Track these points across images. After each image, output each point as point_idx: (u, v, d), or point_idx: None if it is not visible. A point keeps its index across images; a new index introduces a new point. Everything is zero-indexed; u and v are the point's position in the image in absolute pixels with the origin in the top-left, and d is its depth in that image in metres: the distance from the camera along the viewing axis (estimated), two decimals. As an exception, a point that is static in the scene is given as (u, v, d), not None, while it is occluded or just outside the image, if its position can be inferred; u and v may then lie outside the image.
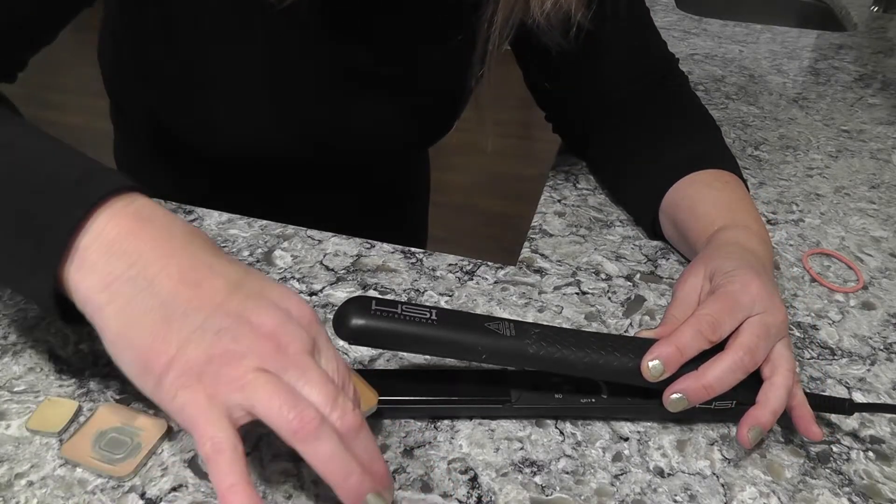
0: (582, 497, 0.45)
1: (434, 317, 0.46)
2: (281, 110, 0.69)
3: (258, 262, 0.62)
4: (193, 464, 0.45)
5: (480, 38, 0.62)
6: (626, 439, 0.49)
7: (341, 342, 0.54)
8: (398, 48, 0.69)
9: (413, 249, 0.65)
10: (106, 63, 0.79)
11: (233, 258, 0.41)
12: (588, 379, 0.50)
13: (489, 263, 0.64)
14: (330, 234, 0.66)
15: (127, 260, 0.37)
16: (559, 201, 0.75)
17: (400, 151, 0.82)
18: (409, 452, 0.47)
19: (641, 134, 0.71)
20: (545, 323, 0.55)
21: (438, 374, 0.49)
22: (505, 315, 0.59)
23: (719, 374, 0.47)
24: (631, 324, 0.59)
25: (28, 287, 0.40)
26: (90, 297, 0.38)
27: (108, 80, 0.80)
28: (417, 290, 0.61)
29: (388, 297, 0.60)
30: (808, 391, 0.51)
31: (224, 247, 0.64)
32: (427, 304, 0.59)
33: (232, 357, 0.36)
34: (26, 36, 0.57)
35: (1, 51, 0.56)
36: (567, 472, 0.47)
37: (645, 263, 0.66)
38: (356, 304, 0.45)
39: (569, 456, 0.48)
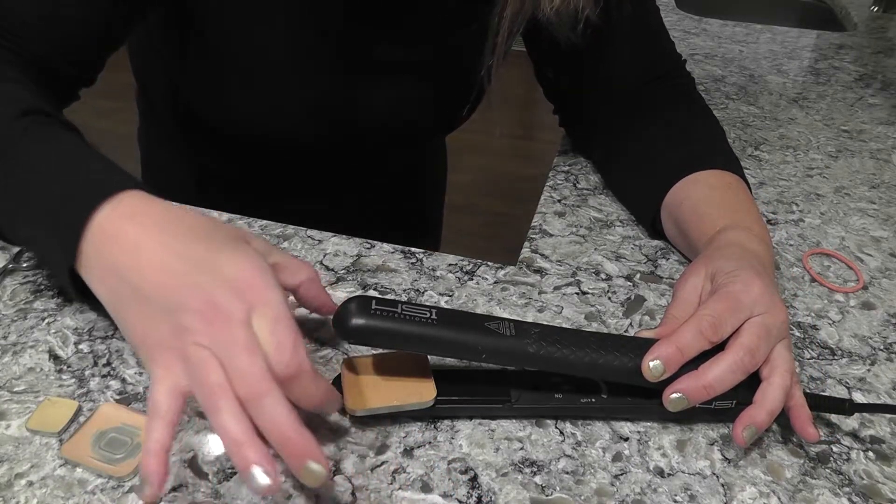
0: (582, 497, 0.45)
1: (434, 316, 0.46)
2: (298, 91, 0.70)
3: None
4: (193, 464, 0.45)
5: (491, 29, 0.64)
6: (626, 439, 0.49)
7: (342, 341, 0.54)
8: (414, 33, 0.70)
9: (413, 249, 0.65)
10: (133, 46, 0.82)
11: (210, 230, 0.45)
12: (588, 379, 0.50)
13: (489, 263, 0.64)
14: (330, 234, 0.66)
15: (111, 256, 0.45)
16: (559, 201, 0.75)
17: (414, 138, 0.83)
18: (409, 452, 0.47)
19: (645, 131, 0.72)
20: (545, 323, 0.55)
21: (438, 374, 0.49)
22: (505, 315, 0.59)
23: (719, 374, 0.47)
24: (631, 324, 0.59)
25: (60, 278, 0.49)
26: (93, 287, 0.46)
27: (135, 62, 0.83)
28: (417, 290, 0.61)
29: (388, 296, 0.60)
30: (808, 391, 0.51)
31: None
32: (427, 303, 0.59)
33: (179, 333, 0.41)
34: (107, 38, 0.62)
35: (87, 54, 0.61)
36: (567, 472, 0.47)
37: (645, 263, 0.66)
38: (356, 304, 0.45)
39: (569, 456, 0.48)
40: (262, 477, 0.38)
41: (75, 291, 0.48)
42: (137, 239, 0.44)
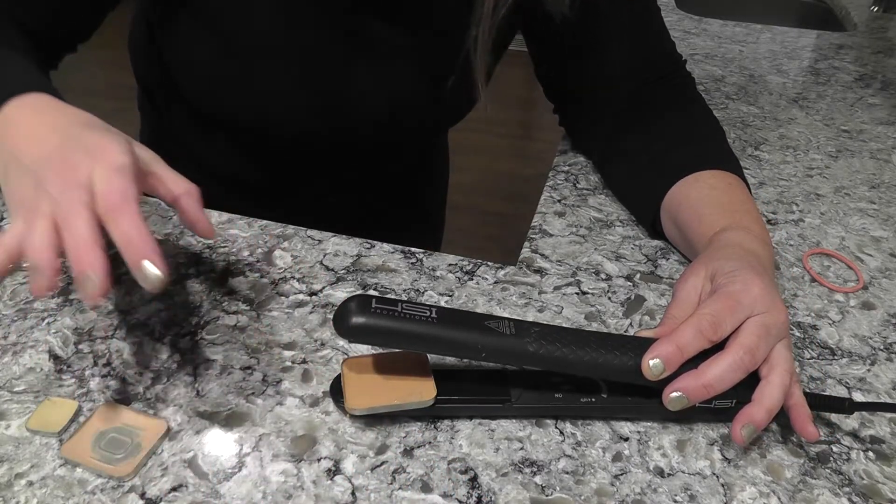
0: (582, 497, 0.45)
1: (434, 315, 0.46)
2: (297, 82, 0.70)
3: (258, 262, 0.62)
4: (193, 464, 0.45)
5: (477, 2, 0.63)
6: (626, 439, 0.49)
7: (342, 341, 0.55)
8: (413, 19, 0.70)
9: (413, 249, 0.65)
10: (136, 45, 0.83)
11: (97, 123, 0.51)
12: (588, 378, 0.50)
13: (489, 263, 0.64)
14: (330, 234, 0.66)
15: (7, 139, 0.51)
16: (559, 201, 0.75)
17: (415, 131, 0.83)
18: (409, 452, 0.47)
19: (645, 132, 0.72)
20: (545, 322, 0.55)
21: (438, 373, 0.49)
22: (505, 315, 0.59)
23: (719, 374, 0.47)
24: (631, 324, 0.59)
25: None
26: None
27: (137, 62, 0.84)
28: (417, 290, 0.61)
29: (389, 296, 0.60)
30: (808, 391, 0.51)
31: (224, 247, 0.64)
32: (427, 303, 0.59)
33: (35, 186, 0.47)
34: (96, 7, 0.67)
35: (72, 22, 0.66)
36: (567, 472, 0.47)
37: (645, 263, 0.66)
38: (356, 303, 0.45)
39: (569, 456, 0.48)
40: (43, 277, 0.44)
41: None
42: (30, 125, 0.51)
